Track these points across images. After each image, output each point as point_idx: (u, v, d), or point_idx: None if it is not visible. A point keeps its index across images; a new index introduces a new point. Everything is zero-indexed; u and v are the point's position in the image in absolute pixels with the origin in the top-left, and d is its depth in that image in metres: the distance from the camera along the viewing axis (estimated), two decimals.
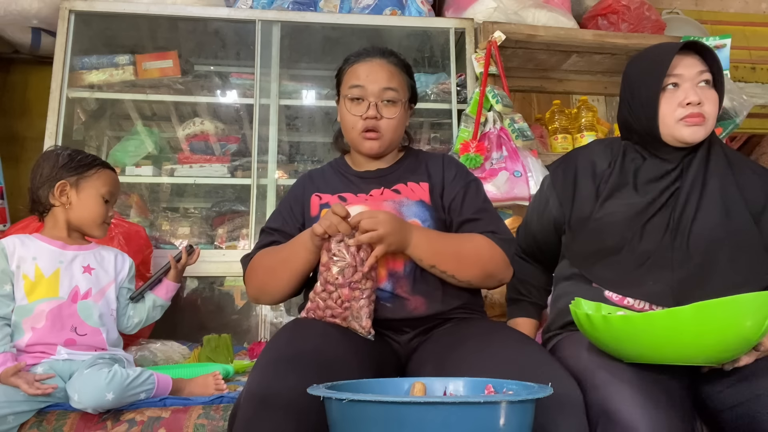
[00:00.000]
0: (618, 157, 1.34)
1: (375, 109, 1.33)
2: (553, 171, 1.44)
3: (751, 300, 0.94)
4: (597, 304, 1.17)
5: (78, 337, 1.37)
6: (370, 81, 1.34)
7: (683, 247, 1.20)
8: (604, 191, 1.30)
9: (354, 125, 1.35)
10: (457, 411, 0.71)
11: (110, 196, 1.50)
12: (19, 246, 1.39)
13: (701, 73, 1.25)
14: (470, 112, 2.36)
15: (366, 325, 1.18)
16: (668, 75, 1.26)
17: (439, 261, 1.22)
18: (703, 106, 1.24)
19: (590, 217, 1.29)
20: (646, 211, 1.24)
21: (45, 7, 2.41)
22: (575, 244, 1.33)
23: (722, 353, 1.01)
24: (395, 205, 1.31)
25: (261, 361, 1.03)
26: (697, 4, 3.36)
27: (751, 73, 3.20)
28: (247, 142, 2.61)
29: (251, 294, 1.36)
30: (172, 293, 1.63)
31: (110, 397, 1.20)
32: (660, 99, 1.27)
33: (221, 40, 2.65)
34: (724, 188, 1.25)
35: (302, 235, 1.27)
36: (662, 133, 1.28)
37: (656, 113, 1.26)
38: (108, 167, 1.53)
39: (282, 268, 1.28)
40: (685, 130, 1.25)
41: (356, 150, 1.42)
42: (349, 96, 1.35)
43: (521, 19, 2.56)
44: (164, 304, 1.62)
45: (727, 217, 1.21)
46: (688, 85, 1.25)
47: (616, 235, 1.24)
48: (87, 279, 1.43)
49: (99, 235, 1.49)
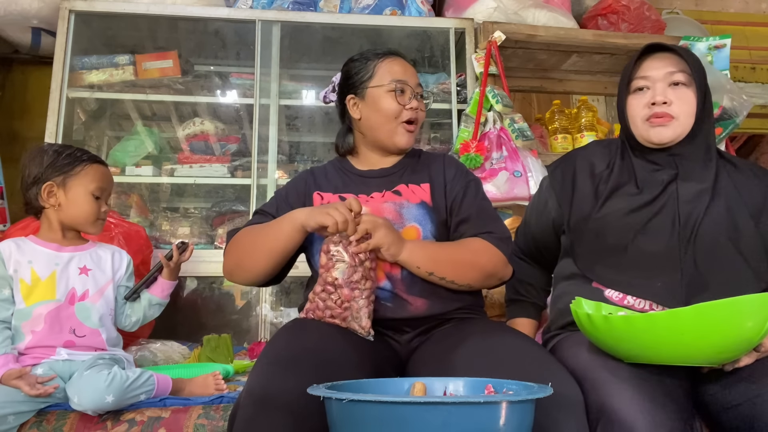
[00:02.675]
0: (616, 157, 1.34)
1: (416, 101, 1.39)
2: (552, 172, 1.44)
3: (752, 301, 0.94)
4: (597, 303, 1.17)
5: (77, 338, 1.37)
6: (408, 76, 1.40)
7: (692, 248, 1.20)
8: (603, 191, 1.30)
9: (398, 114, 1.37)
10: (457, 411, 0.71)
11: (101, 191, 1.45)
12: (15, 250, 1.38)
13: (672, 74, 1.25)
14: (470, 112, 2.36)
15: (366, 325, 1.18)
16: (637, 78, 1.28)
17: (436, 268, 1.22)
18: (671, 105, 1.24)
19: (590, 217, 1.29)
20: (647, 211, 1.24)
21: (45, 7, 2.41)
22: (576, 245, 1.33)
23: (723, 354, 1.01)
24: (396, 207, 1.31)
25: (261, 362, 1.03)
26: (697, 4, 3.36)
27: (751, 73, 3.20)
28: (247, 142, 2.61)
29: (226, 269, 1.35)
30: (168, 291, 1.59)
31: (110, 400, 1.20)
32: (630, 102, 1.29)
33: (221, 40, 2.65)
34: (726, 190, 1.25)
35: (292, 213, 1.24)
36: (636, 135, 1.30)
37: (626, 116, 1.30)
38: (97, 161, 1.48)
39: (261, 243, 1.26)
40: (651, 131, 1.26)
41: (388, 143, 1.40)
42: (394, 87, 1.37)
43: (521, 19, 2.56)
44: (161, 302, 1.58)
45: (731, 219, 1.21)
46: (659, 85, 1.26)
47: (618, 236, 1.24)
48: (84, 280, 1.42)
49: (94, 232, 1.47)
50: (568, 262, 1.35)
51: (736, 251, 1.19)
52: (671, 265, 1.20)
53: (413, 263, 1.22)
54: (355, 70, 1.43)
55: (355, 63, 1.44)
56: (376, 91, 1.38)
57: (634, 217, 1.24)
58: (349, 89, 1.43)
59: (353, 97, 1.42)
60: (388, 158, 1.43)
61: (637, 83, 1.28)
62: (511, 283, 1.47)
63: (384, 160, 1.43)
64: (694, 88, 1.25)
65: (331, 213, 1.15)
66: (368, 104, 1.39)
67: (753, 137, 3.74)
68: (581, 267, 1.30)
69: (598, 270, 1.27)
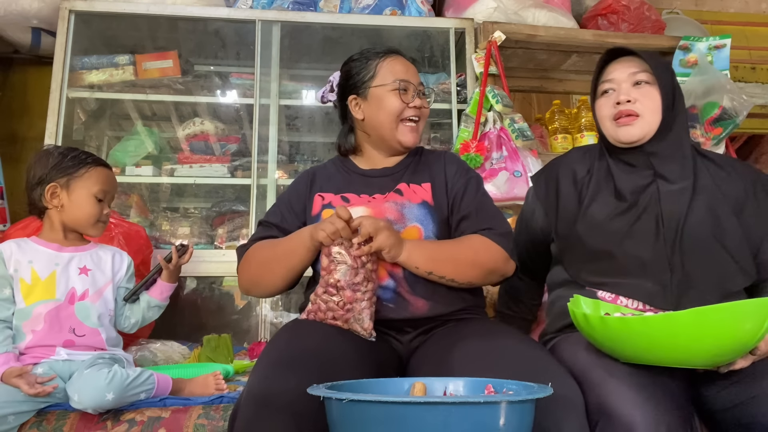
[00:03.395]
0: (595, 162, 1.37)
1: (419, 99, 1.39)
2: (536, 182, 1.47)
3: (749, 306, 0.95)
4: (595, 302, 1.18)
5: (77, 338, 1.37)
6: (410, 75, 1.40)
7: (678, 248, 1.21)
8: (586, 197, 1.33)
9: (401, 112, 1.37)
10: (457, 411, 0.71)
11: (103, 194, 1.46)
12: (15, 250, 1.39)
13: (635, 74, 1.29)
14: (470, 112, 2.36)
15: (368, 326, 1.18)
16: (603, 82, 1.34)
17: (435, 267, 1.22)
18: (635, 103, 1.28)
19: (575, 224, 1.31)
20: (630, 215, 1.26)
21: (45, 7, 2.41)
22: (564, 252, 1.35)
23: (719, 357, 1.01)
24: (397, 207, 1.31)
25: (261, 362, 1.03)
26: (697, 4, 3.36)
27: (751, 73, 3.20)
28: (247, 142, 2.60)
29: (243, 286, 1.37)
30: (167, 293, 1.58)
31: (110, 398, 1.20)
32: (598, 105, 1.34)
33: (221, 40, 2.65)
34: (706, 187, 1.26)
35: (301, 232, 1.27)
36: (607, 137, 1.34)
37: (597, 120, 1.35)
38: (101, 164, 1.49)
39: (278, 263, 1.29)
40: (619, 131, 1.30)
41: (391, 142, 1.40)
42: (396, 86, 1.37)
43: (521, 19, 2.56)
44: (160, 305, 1.57)
45: (714, 215, 1.23)
46: (623, 86, 1.30)
47: (604, 242, 1.26)
48: (83, 280, 1.42)
49: (95, 234, 1.47)
50: (560, 269, 1.37)
51: (721, 247, 1.21)
52: (660, 266, 1.21)
53: (412, 263, 1.22)
54: (355, 70, 1.42)
55: (355, 63, 1.43)
56: (379, 90, 1.38)
57: (617, 223, 1.26)
58: (351, 90, 1.42)
59: (355, 98, 1.41)
60: (392, 157, 1.43)
61: (603, 86, 1.34)
62: (504, 297, 1.52)
63: (387, 159, 1.43)
64: (657, 86, 1.28)
65: (324, 228, 1.17)
66: (371, 104, 1.39)
67: (753, 137, 3.73)
68: (571, 274, 1.32)
69: (588, 275, 1.28)
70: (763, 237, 1.24)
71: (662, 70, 1.29)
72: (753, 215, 1.25)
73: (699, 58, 2.48)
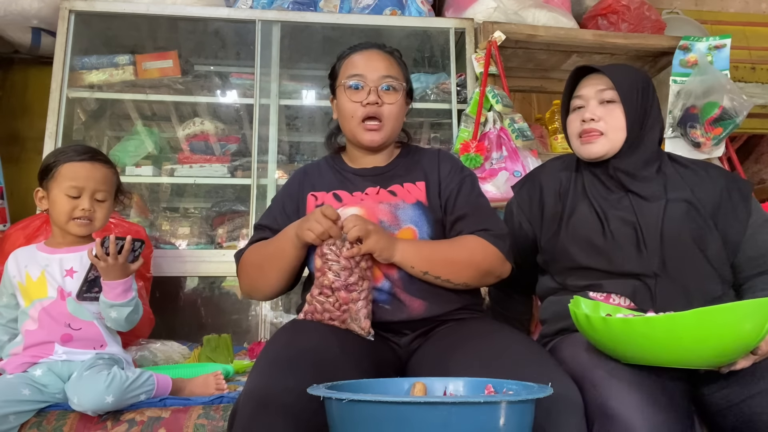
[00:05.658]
0: (572, 173, 1.41)
1: (376, 95, 1.31)
2: (518, 193, 1.49)
3: (751, 306, 0.95)
4: (595, 302, 1.18)
5: (73, 331, 1.36)
6: (369, 69, 1.33)
7: (658, 256, 1.24)
8: (566, 209, 1.35)
9: (354, 113, 1.33)
10: (457, 411, 0.71)
11: (76, 191, 1.38)
12: (16, 259, 1.42)
13: (601, 92, 1.33)
14: (470, 112, 2.36)
15: (365, 325, 1.18)
16: (574, 97, 1.37)
17: (430, 267, 1.21)
18: (599, 122, 1.31)
19: (558, 237, 1.34)
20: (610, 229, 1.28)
21: (45, 7, 2.41)
22: (549, 263, 1.38)
23: (721, 358, 1.02)
24: (391, 208, 1.29)
25: (260, 362, 1.03)
26: (697, 4, 3.36)
27: (751, 73, 3.20)
28: (247, 142, 2.60)
29: (243, 291, 1.37)
30: (116, 291, 1.35)
31: (110, 400, 1.20)
32: (569, 120, 1.38)
33: (221, 40, 2.65)
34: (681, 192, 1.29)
35: (287, 230, 1.25)
36: (575, 152, 1.39)
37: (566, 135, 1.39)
38: (73, 159, 1.40)
39: (269, 265, 1.28)
40: (582, 148, 1.35)
41: (355, 142, 1.38)
42: (348, 84, 1.33)
43: (521, 19, 2.56)
44: (115, 304, 1.35)
45: (691, 219, 1.26)
46: (591, 103, 1.34)
47: (585, 255, 1.29)
48: (69, 282, 1.39)
49: (76, 232, 1.40)
50: (547, 278, 1.40)
51: (700, 252, 1.24)
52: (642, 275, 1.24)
53: (407, 264, 1.21)
54: (332, 69, 1.43)
55: (335, 61, 1.43)
56: (339, 90, 1.38)
57: (596, 236, 1.28)
58: (330, 89, 1.45)
59: (333, 98, 1.43)
60: (377, 156, 1.41)
61: (574, 102, 1.37)
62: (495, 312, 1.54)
63: (376, 158, 1.41)
64: (621, 104, 1.31)
65: (311, 227, 1.16)
66: (337, 104, 1.40)
67: (753, 137, 3.73)
68: (559, 281, 1.35)
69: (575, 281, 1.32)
70: (739, 239, 1.27)
71: (628, 89, 1.31)
72: (729, 217, 1.28)
73: (699, 58, 2.48)
